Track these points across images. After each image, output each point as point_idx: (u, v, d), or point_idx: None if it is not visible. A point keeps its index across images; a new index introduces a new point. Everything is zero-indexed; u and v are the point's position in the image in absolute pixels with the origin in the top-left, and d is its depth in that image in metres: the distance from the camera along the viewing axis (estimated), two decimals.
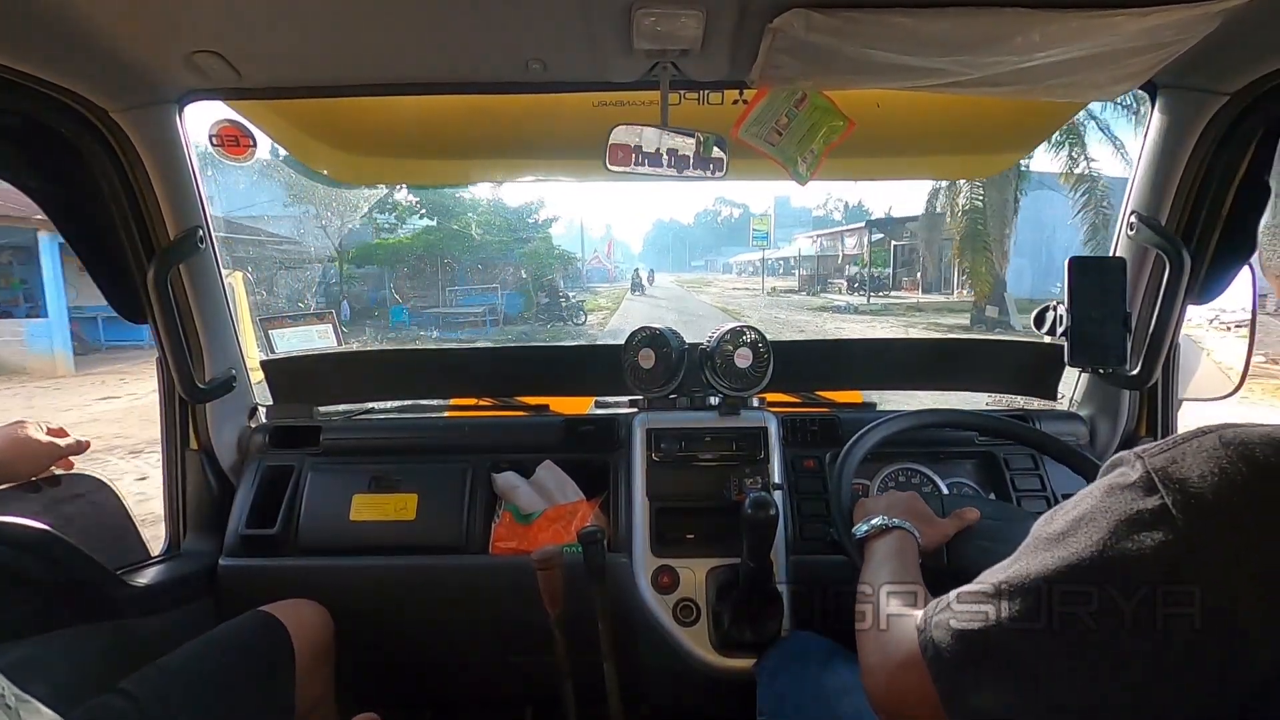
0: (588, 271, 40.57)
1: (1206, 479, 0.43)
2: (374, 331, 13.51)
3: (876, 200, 79.66)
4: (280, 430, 1.41)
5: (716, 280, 49.05)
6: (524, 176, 1.65)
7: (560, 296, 18.05)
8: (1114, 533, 0.45)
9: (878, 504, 0.94)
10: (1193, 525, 0.43)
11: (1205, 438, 0.46)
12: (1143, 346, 1.23)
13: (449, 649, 1.35)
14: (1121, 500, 0.46)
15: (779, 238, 74.49)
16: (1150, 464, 0.46)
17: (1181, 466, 0.45)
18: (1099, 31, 0.83)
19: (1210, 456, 0.44)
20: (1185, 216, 1.17)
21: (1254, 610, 0.41)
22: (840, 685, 0.90)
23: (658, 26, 0.89)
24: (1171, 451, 0.46)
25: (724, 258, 78.98)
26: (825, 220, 78.86)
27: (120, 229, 1.17)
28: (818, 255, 32.53)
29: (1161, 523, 0.44)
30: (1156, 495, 0.44)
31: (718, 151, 1.09)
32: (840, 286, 24.85)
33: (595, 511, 1.30)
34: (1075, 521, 0.48)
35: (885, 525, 0.87)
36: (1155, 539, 0.43)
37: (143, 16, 0.89)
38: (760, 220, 40.17)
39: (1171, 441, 0.47)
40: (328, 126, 1.40)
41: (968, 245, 12.45)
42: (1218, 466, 0.43)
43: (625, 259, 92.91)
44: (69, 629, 1.00)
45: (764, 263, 38.37)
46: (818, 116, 1.10)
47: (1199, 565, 0.42)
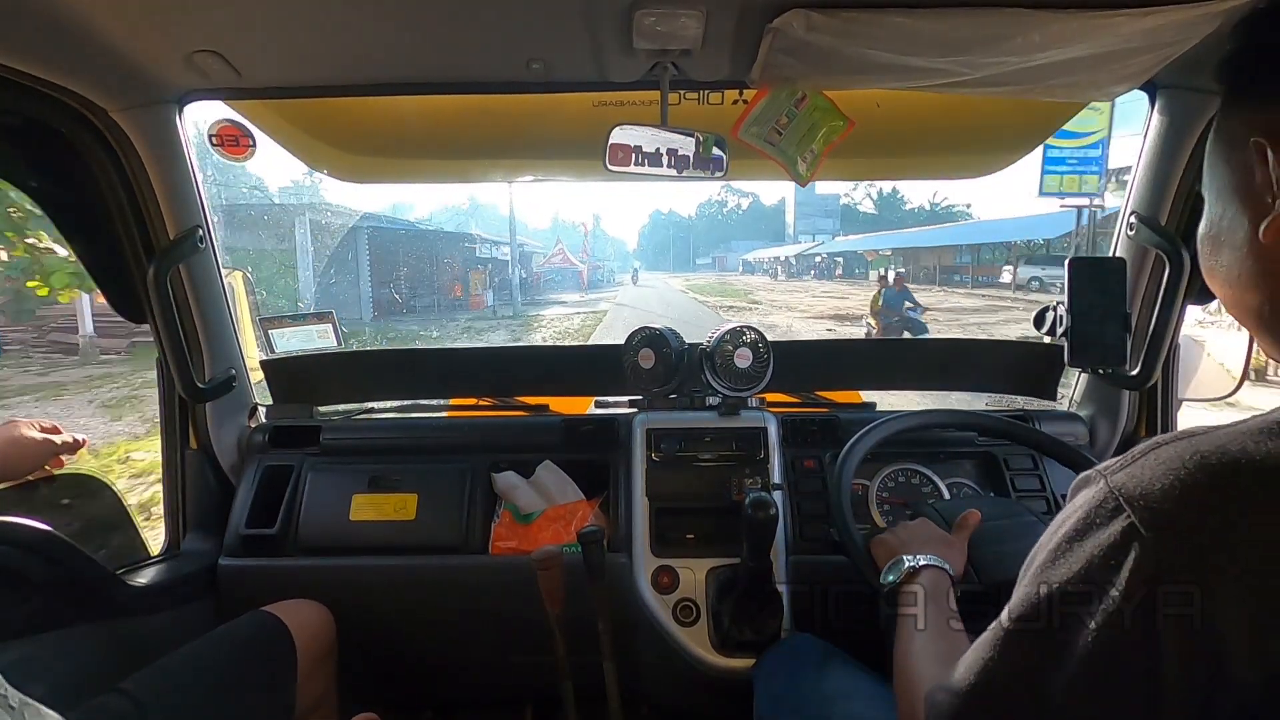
0: (544, 275, 30.72)
1: (1168, 492, 0.43)
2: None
3: (913, 186, 72.58)
4: (280, 430, 1.41)
5: (738, 282, 38.84)
6: (524, 176, 1.65)
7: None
8: (1089, 559, 0.45)
9: (896, 540, 0.90)
10: (1160, 540, 0.43)
11: (1161, 450, 0.46)
12: (1142, 347, 1.23)
13: (449, 649, 1.35)
14: (1090, 522, 0.46)
15: (800, 230, 65.64)
16: (1112, 482, 0.46)
17: (1141, 481, 0.45)
18: (1099, 32, 0.83)
19: (1169, 469, 0.44)
20: (1185, 216, 1.17)
21: (1231, 620, 0.41)
22: (837, 689, 0.90)
23: (658, 26, 0.88)
24: (1131, 467, 0.46)
25: (737, 253, 67.81)
26: (852, 212, 69.50)
27: (120, 229, 1.17)
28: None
29: (1132, 541, 0.43)
30: (1124, 514, 0.44)
31: (718, 151, 1.09)
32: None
33: (595, 511, 1.30)
34: (1055, 551, 0.48)
35: (915, 566, 0.83)
36: (1130, 558, 0.43)
37: (142, 16, 0.89)
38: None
39: (1130, 457, 0.47)
40: (328, 126, 1.40)
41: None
42: (1177, 479, 0.43)
43: (620, 258, 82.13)
44: (69, 629, 1.00)
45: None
46: (818, 116, 1.10)
47: (1174, 581, 0.42)
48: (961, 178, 1.56)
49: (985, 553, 0.92)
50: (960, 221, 46.54)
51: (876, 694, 0.86)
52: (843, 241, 46.10)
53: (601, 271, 43.33)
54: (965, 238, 29.15)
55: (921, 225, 49.85)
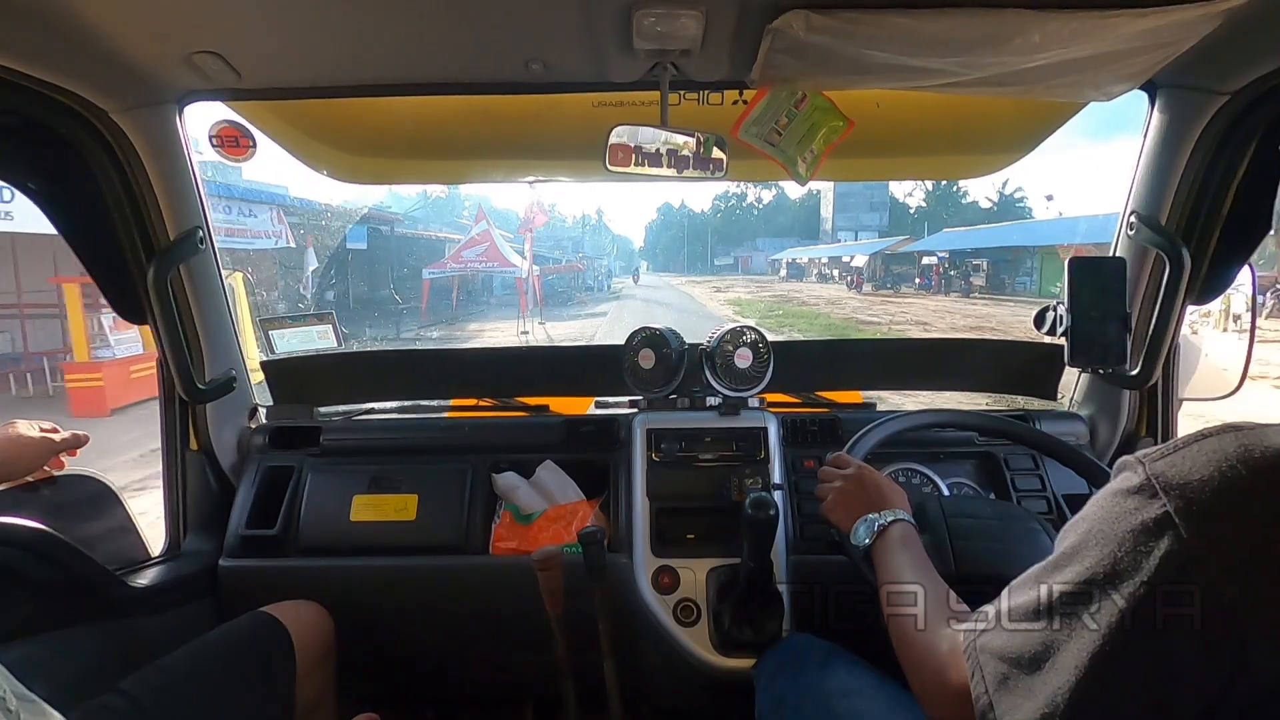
0: (493, 281, 19.74)
1: (1207, 483, 0.43)
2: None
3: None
4: (280, 431, 1.41)
5: (787, 290, 29.22)
6: (524, 177, 1.65)
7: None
8: (1121, 542, 0.46)
9: (854, 500, 0.91)
10: (1196, 530, 0.43)
11: (1206, 441, 0.46)
12: (1142, 346, 1.23)
13: (449, 649, 1.35)
14: (1126, 507, 0.47)
15: (839, 226, 53.88)
16: (1151, 469, 0.46)
17: (1182, 471, 0.45)
18: (1099, 32, 0.83)
19: (1210, 460, 0.44)
20: (1185, 216, 1.17)
21: (1255, 616, 0.41)
22: (839, 687, 0.90)
23: (658, 27, 0.89)
24: (1172, 456, 0.46)
25: (764, 253, 58.18)
26: (901, 211, 54.88)
27: (120, 229, 1.17)
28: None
29: (1166, 529, 0.44)
30: (1159, 501, 0.44)
31: (718, 152, 1.09)
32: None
33: (595, 512, 1.30)
34: (1087, 534, 0.49)
35: (884, 523, 0.86)
36: (1161, 546, 0.43)
37: (142, 17, 0.89)
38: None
39: (1172, 446, 0.47)
40: (327, 127, 1.40)
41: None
42: (1218, 470, 0.43)
43: (624, 256, 71.94)
44: (69, 629, 1.00)
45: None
46: (818, 117, 1.10)
47: (1203, 570, 0.42)
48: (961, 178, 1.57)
49: (979, 545, 0.92)
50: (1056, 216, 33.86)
51: (878, 692, 0.86)
52: (951, 235, 31.04)
53: (592, 274, 33.04)
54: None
55: (993, 221, 39.31)
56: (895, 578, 0.77)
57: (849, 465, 0.96)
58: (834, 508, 0.93)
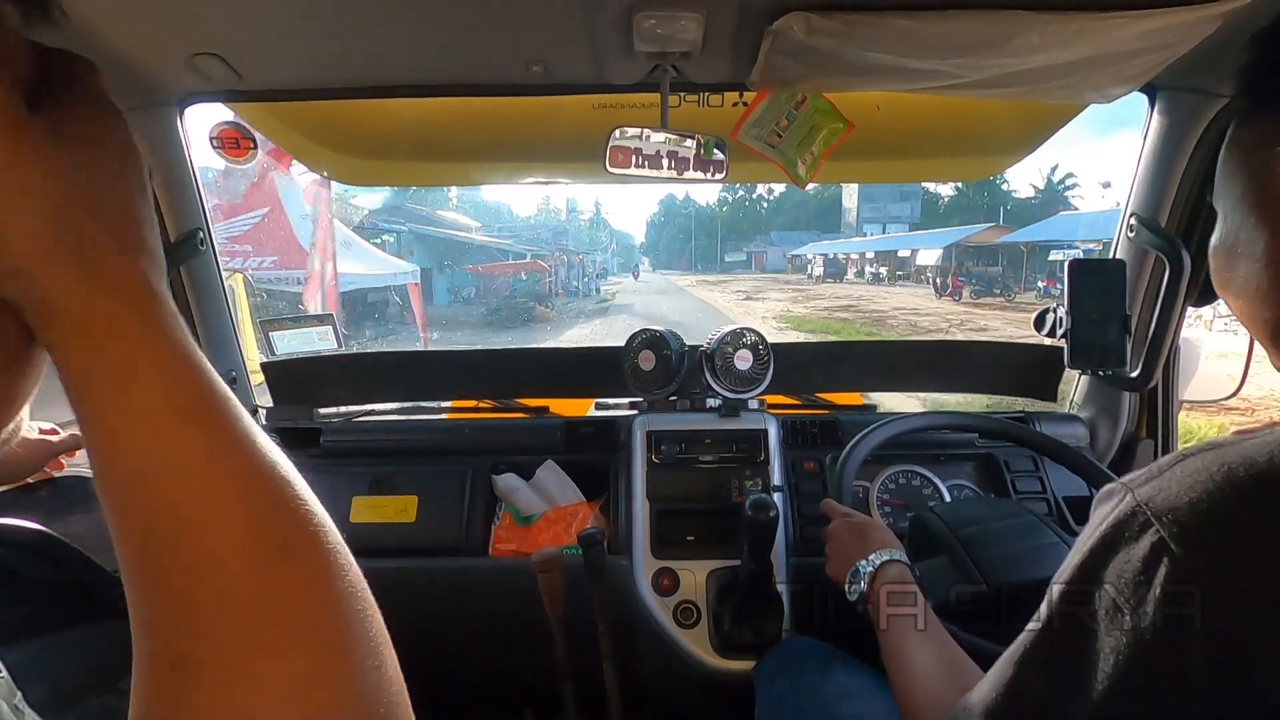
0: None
1: (1197, 506, 0.43)
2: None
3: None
4: (280, 432, 1.41)
5: (816, 291, 24.87)
6: (524, 179, 1.65)
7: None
8: (1119, 576, 0.45)
9: (841, 550, 0.90)
10: (1192, 555, 0.42)
11: (1186, 463, 0.45)
12: (1143, 348, 1.22)
13: (449, 650, 1.35)
14: (1119, 537, 0.46)
15: (865, 218, 49.00)
16: (1138, 495, 0.46)
17: (1170, 495, 0.44)
18: (1099, 34, 0.83)
19: (1195, 482, 0.43)
20: (1185, 218, 1.17)
21: (1261, 637, 0.40)
22: (839, 690, 0.90)
23: (658, 29, 0.89)
24: (1156, 481, 0.45)
25: (780, 247, 52.69)
26: (934, 200, 48.58)
27: None
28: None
29: (1162, 556, 0.43)
30: (1152, 529, 0.44)
31: (718, 154, 1.09)
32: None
33: (595, 513, 1.30)
34: (1083, 565, 0.48)
35: (874, 567, 0.84)
36: (1160, 574, 0.43)
37: (143, 18, 0.89)
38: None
39: (1155, 470, 0.46)
40: (328, 129, 1.40)
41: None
42: (1205, 492, 0.43)
43: (624, 252, 68.63)
44: (69, 629, 1.00)
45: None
46: (818, 119, 1.10)
47: (1204, 596, 0.42)
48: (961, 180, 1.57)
49: (998, 552, 0.92)
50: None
51: (878, 694, 0.86)
52: (1066, 221, 23.49)
53: (576, 273, 27.01)
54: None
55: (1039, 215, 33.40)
56: (899, 660, 0.75)
57: (833, 515, 0.96)
58: (830, 565, 0.93)
